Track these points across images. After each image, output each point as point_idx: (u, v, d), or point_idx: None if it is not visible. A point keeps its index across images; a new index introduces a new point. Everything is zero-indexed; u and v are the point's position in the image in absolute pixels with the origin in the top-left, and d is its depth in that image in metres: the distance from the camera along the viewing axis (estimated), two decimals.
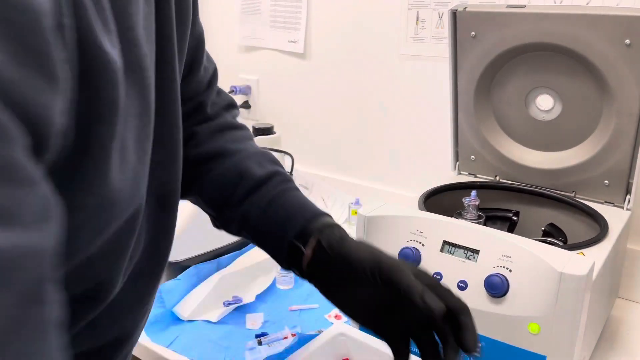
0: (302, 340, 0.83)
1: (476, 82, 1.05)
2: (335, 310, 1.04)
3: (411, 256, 0.78)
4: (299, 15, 1.51)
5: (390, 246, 0.81)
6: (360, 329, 0.85)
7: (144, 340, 0.96)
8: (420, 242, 0.79)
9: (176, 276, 1.04)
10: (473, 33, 1.01)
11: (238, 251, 1.15)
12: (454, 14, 1.01)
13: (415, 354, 0.58)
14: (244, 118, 1.71)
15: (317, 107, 1.54)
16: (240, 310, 1.04)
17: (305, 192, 1.69)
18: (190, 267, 1.07)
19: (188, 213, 1.06)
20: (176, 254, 1.07)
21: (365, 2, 1.38)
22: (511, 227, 1.02)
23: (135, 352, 0.98)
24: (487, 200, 1.04)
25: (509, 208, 1.04)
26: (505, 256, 0.72)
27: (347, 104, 1.48)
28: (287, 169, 1.35)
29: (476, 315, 0.73)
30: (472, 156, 1.13)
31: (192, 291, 1.04)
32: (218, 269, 1.10)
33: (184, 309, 1.01)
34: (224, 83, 1.84)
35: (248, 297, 1.06)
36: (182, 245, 1.07)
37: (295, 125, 1.60)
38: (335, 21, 1.45)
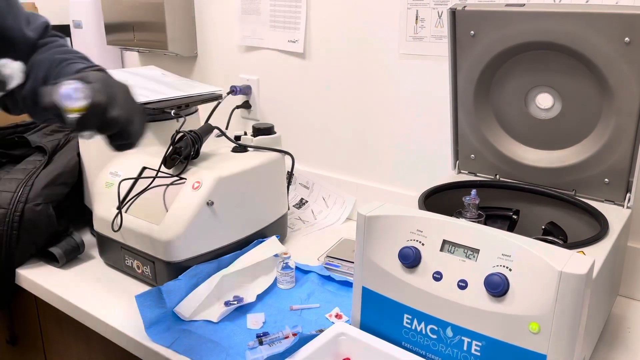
0: (303, 340, 0.83)
1: (476, 81, 1.05)
2: (336, 310, 1.04)
3: (411, 255, 0.78)
4: (298, 15, 1.51)
5: (391, 246, 0.81)
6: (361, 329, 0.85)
7: (145, 341, 0.96)
8: (420, 242, 0.79)
9: (177, 276, 1.04)
10: (472, 32, 1.01)
11: (239, 251, 1.15)
12: (453, 13, 1.02)
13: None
14: (244, 118, 1.71)
15: (318, 106, 1.55)
16: (241, 310, 1.05)
17: (305, 192, 1.69)
18: (191, 267, 1.07)
19: (189, 214, 1.07)
20: (177, 254, 1.07)
21: (364, 1, 1.38)
22: (511, 226, 1.02)
23: (137, 352, 0.99)
24: (487, 199, 1.05)
25: (509, 207, 1.04)
26: (505, 255, 0.72)
27: (347, 103, 1.48)
28: (288, 168, 1.35)
29: (476, 315, 0.73)
30: (472, 155, 1.13)
31: (193, 291, 1.04)
32: (219, 269, 1.10)
33: (185, 309, 1.01)
34: (224, 83, 1.84)
35: (249, 297, 1.06)
36: (183, 245, 1.07)
37: (295, 124, 1.60)
38: (335, 21, 1.45)
